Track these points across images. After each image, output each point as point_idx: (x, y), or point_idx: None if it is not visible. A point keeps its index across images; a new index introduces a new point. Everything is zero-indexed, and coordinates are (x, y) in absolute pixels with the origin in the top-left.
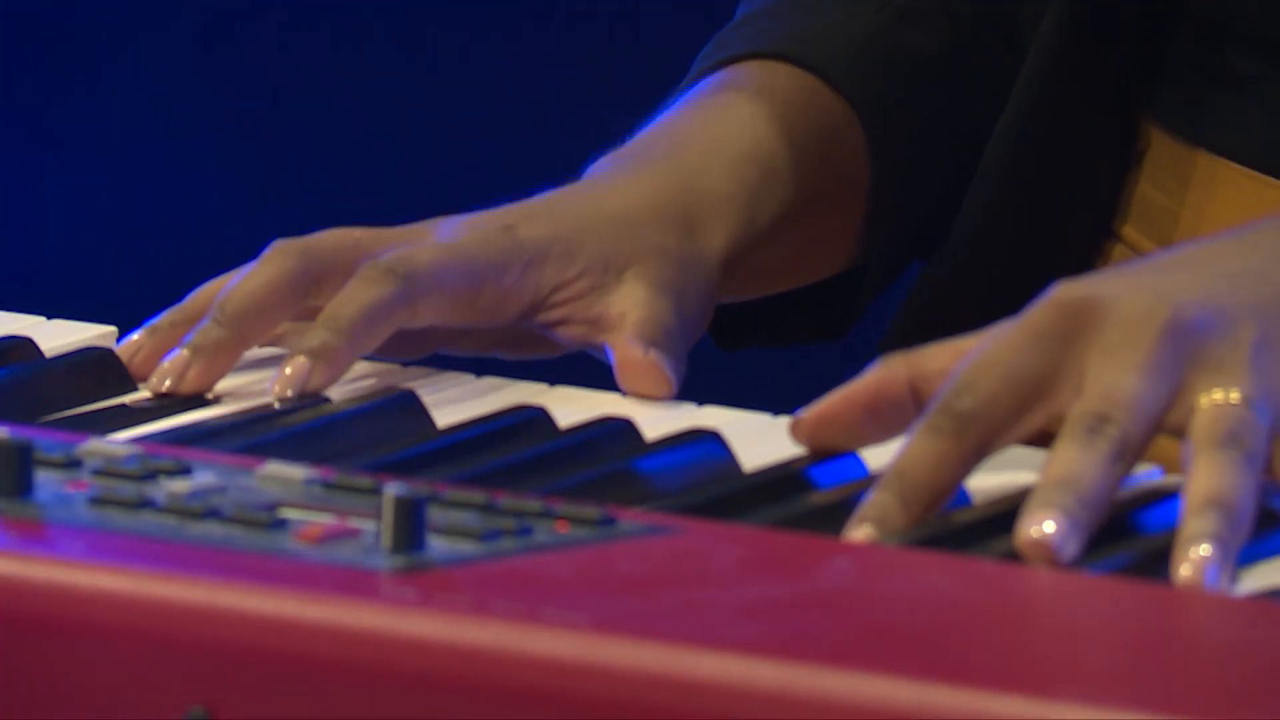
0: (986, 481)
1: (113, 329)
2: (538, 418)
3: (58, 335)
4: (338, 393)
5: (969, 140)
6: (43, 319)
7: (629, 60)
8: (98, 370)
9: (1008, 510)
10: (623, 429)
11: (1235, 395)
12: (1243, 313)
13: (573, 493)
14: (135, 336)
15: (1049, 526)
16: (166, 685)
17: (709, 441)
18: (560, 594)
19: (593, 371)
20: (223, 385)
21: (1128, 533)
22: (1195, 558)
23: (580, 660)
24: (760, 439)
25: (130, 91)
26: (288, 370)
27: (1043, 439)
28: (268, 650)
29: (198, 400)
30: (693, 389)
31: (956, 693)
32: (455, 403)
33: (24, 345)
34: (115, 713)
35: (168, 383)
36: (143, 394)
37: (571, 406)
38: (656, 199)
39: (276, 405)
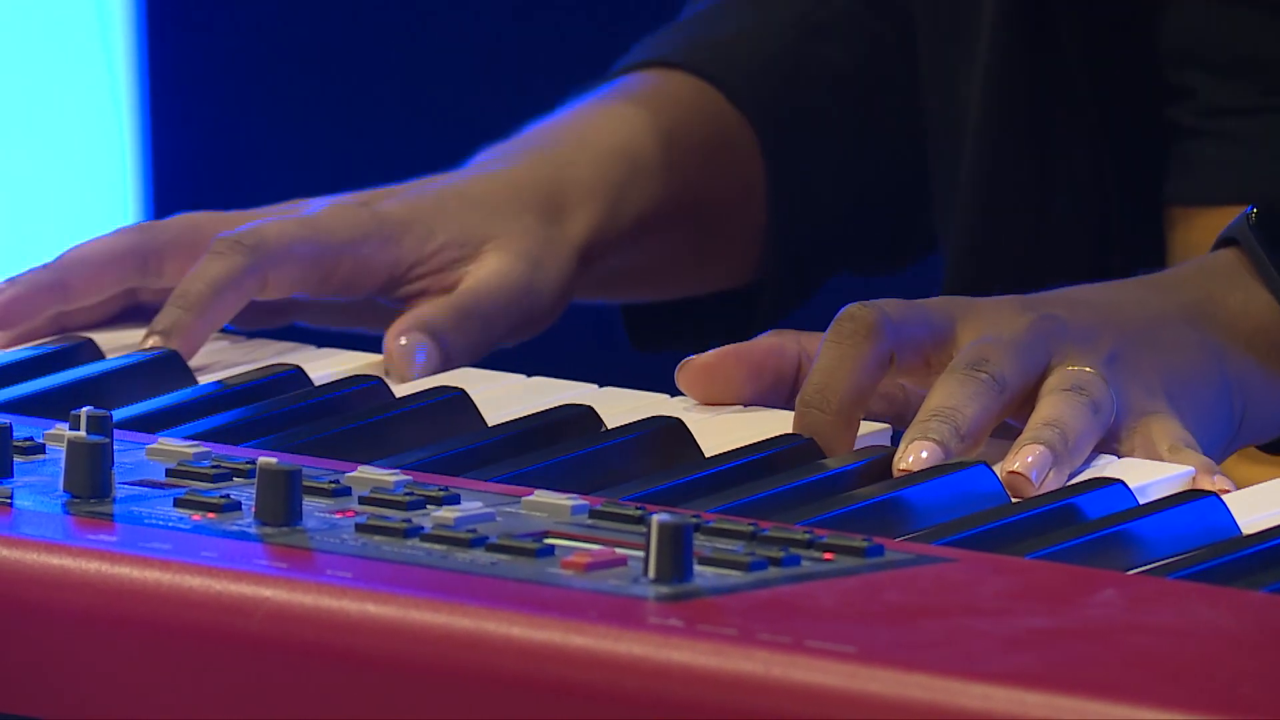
0: (1255, 513)
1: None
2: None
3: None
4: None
5: (882, 154)
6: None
7: None
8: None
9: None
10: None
11: (1088, 369)
12: (1102, 331)
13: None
14: None
15: (924, 453)
16: (432, 711)
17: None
18: (826, 624)
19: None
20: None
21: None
22: (1026, 459)
23: (846, 690)
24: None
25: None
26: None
27: None
28: (534, 677)
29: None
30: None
31: None
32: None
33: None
34: None
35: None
36: None
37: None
38: (520, 185)
39: None
